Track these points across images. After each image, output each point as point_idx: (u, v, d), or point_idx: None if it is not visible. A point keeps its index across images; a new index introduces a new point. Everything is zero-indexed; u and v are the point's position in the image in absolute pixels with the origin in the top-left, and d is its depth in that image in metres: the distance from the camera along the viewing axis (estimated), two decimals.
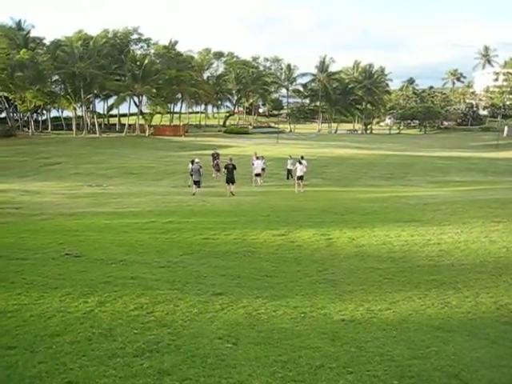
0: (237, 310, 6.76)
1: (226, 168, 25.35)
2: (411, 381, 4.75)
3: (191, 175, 26.52)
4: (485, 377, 4.96)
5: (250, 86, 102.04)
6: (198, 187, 25.12)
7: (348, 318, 6.64)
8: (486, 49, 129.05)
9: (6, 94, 73.98)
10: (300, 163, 26.69)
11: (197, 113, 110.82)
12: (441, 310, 7.13)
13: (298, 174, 26.33)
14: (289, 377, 4.77)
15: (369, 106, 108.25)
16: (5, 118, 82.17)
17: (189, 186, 27.17)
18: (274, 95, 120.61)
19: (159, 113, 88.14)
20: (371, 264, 9.93)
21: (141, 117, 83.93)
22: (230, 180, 24.57)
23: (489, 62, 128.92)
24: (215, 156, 34.16)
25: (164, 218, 15.56)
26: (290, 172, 32.59)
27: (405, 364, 5.13)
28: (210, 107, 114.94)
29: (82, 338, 5.51)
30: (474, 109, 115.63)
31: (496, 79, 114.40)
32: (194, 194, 23.98)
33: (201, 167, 25.76)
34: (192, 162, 26.74)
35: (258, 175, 30.75)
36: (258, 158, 31.62)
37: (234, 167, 25.13)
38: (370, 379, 4.76)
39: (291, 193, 26.09)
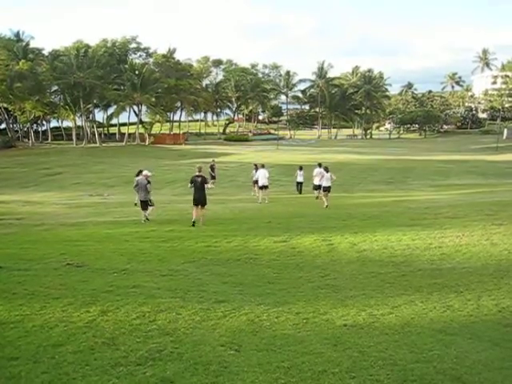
0: (239, 316, 6.76)
1: (192, 182, 16.50)
2: None
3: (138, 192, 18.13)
4: (487, 379, 4.95)
5: (249, 93, 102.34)
6: (145, 209, 17.57)
7: (350, 323, 6.64)
8: (485, 52, 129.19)
9: (5, 105, 74.33)
10: (327, 171, 22.36)
11: (196, 121, 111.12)
12: (443, 313, 7.13)
13: (325, 184, 21.98)
14: (291, 383, 4.77)
15: (368, 111, 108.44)
16: (5, 129, 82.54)
17: (135, 205, 18.69)
18: (274, 102, 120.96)
19: (159, 121, 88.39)
20: (373, 269, 9.93)
21: (140, 126, 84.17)
22: (199, 201, 16.30)
23: (487, 65, 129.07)
24: (213, 166, 33.08)
25: (165, 227, 15.58)
26: (300, 185, 28.75)
27: (407, 368, 5.13)
28: (209, 115, 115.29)
29: (84, 347, 5.51)
30: (474, 112, 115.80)
31: (494, 82, 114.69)
32: (145, 221, 17.23)
33: (149, 182, 17.88)
34: (138, 174, 18.94)
35: (262, 188, 24.78)
36: (257, 168, 26.35)
37: (205, 181, 16.73)
38: (373, 383, 4.77)
39: (292, 199, 26.10)
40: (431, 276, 9.31)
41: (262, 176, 24.90)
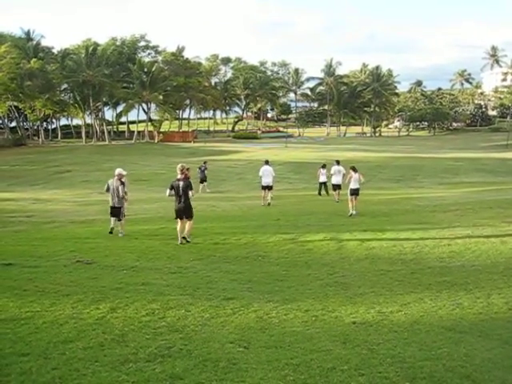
0: (248, 314, 6.77)
1: (172, 188, 12.60)
2: (423, 382, 4.73)
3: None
4: (497, 377, 4.94)
5: (258, 91, 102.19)
6: (119, 219, 14.14)
7: (359, 320, 6.63)
8: (494, 49, 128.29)
9: (16, 104, 74.64)
10: (355, 171, 18.23)
11: (205, 118, 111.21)
12: (452, 311, 7.11)
13: (352, 186, 17.95)
14: (300, 380, 4.77)
15: (377, 108, 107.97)
16: (15, 128, 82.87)
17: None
18: (282, 100, 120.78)
19: (167, 119, 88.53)
20: (382, 266, 9.92)
21: (150, 123, 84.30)
22: (182, 212, 12.52)
23: (497, 62, 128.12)
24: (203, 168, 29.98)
25: (174, 224, 15.56)
26: (324, 186, 25.21)
27: (416, 365, 5.11)
28: (218, 113, 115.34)
29: (94, 343, 5.54)
30: (483, 109, 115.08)
31: (504, 79, 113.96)
32: (111, 232, 14.00)
33: (122, 183, 14.27)
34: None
35: (265, 188, 21.72)
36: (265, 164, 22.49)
37: (189, 186, 12.54)
38: (382, 381, 4.75)
39: (300, 197, 26.05)
40: (440, 274, 9.28)
41: (267, 174, 21.75)
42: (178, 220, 12.62)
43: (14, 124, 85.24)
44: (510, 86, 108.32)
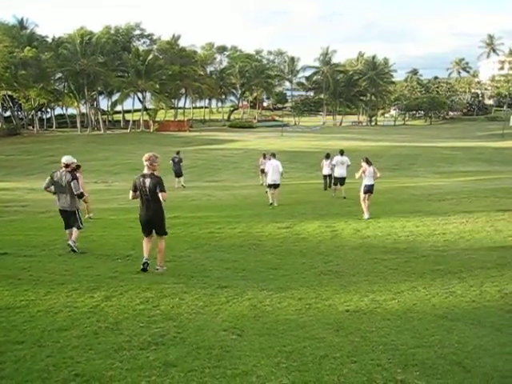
0: (242, 302, 6.78)
1: (136, 190, 8.76)
2: (415, 369, 4.76)
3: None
4: (488, 364, 4.96)
5: (254, 80, 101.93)
6: (79, 226, 10.20)
7: (352, 308, 6.66)
8: (491, 37, 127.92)
9: (10, 93, 74.23)
10: (369, 163, 15.00)
11: (201, 108, 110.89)
12: (445, 299, 7.14)
13: (367, 182, 15.02)
14: (293, 367, 4.79)
15: (373, 97, 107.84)
16: (9, 117, 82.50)
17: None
18: (278, 88, 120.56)
19: (163, 108, 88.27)
20: (376, 255, 9.96)
21: (145, 113, 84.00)
22: (152, 224, 8.73)
23: (494, 50, 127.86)
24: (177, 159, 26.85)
25: (169, 213, 15.40)
26: (329, 178, 21.74)
27: (409, 353, 5.14)
28: (213, 102, 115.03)
29: (88, 332, 5.54)
30: (480, 98, 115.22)
31: (501, 68, 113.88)
32: (70, 246, 9.94)
33: (75, 178, 10.28)
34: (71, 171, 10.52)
35: (271, 186, 17.89)
36: (266, 157, 20.04)
37: (159, 185, 8.47)
38: (374, 368, 4.77)
39: (296, 186, 26.04)
40: (434, 262, 9.33)
41: (274, 170, 17.87)
42: (145, 238, 8.83)
43: (8, 113, 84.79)
44: (507, 75, 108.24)
